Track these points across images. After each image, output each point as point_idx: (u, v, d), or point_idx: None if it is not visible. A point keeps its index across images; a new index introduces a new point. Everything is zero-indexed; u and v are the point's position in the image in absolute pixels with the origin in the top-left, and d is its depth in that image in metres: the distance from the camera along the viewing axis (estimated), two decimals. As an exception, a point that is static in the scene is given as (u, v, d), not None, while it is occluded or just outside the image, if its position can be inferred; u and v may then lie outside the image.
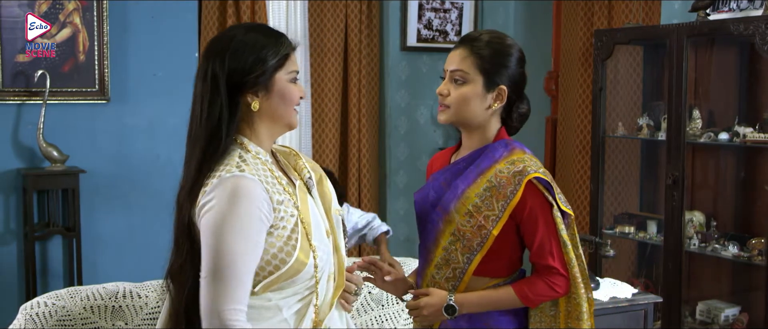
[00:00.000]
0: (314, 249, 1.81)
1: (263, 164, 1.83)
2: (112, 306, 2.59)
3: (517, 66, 2.11)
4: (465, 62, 2.07)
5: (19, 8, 4.13)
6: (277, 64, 1.84)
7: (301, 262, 1.78)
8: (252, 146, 1.85)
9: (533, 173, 2.03)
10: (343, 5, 5.03)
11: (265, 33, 1.88)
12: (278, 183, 1.82)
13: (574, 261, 2.07)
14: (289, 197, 1.82)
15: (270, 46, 1.85)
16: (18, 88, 4.18)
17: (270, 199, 1.77)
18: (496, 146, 2.11)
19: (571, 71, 4.89)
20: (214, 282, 1.71)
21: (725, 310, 4.00)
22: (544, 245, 2.05)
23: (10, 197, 4.23)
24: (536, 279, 2.07)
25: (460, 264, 2.08)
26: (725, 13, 3.82)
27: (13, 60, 4.15)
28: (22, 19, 4.09)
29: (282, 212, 1.78)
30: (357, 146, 5.13)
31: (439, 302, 2.08)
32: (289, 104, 1.87)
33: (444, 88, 2.10)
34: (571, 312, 2.10)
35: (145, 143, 4.49)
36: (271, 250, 1.77)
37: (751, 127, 3.85)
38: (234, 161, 1.79)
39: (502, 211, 2.03)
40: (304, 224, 1.82)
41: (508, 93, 2.09)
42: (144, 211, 4.49)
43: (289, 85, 1.87)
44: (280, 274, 1.77)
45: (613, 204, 4.58)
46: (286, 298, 1.81)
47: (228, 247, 1.71)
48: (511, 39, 2.13)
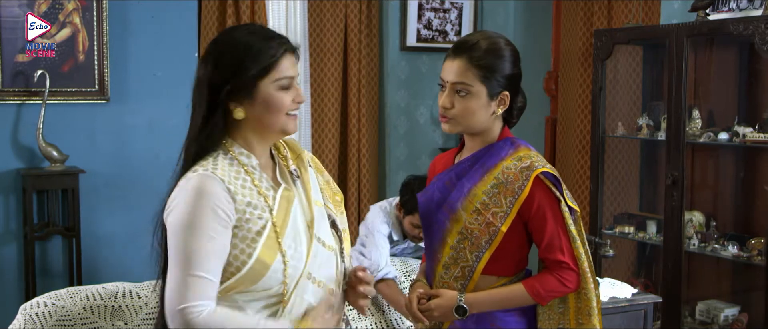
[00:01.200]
0: (284, 252, 1.76)
1: (242, 166, 1.80)
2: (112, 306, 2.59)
3: (514, 67, 2.11)
4: (466, 75, 2.05)
5: (18, 8, 4.13)
6: (259, 72, 1.78)
7: (263, 264, 1.74)
8: (236, 148, 1.82)
9: (541, 168, 2.04)
10: (343, 5, 5.03)
11: (255, 37, 1.82)
12: (253, 184, 1.79)
13: (583, 256, 2.07)
14: (264, 201, 1.78)
15: (253, 53, 1.78)
16: (18, 88, 4.18)
17: (232, 199, 1.74)
18: (501, 144, 2.12)
19: (570, 71, 4.89)
20: (174, 279, 1.70)
21: (725, 310, 4.00)
22: (554, 240, 2.05)
23: (9, 197, 4.23)
24: (547, 275, 2.07)
25: (469, 262, 2.08)
26: (725, 13, 3.82)
27: (12, 60, 4.15)
28: (21, 19, 4.09)
29: (248, 214, 1.75)
30: (357, 146, 5.13)
31: (449, 303, 2.08)
32: (276, 112, 1.81)
33: (447, 101, 2.07)
34: (582, 308, 2.10)
35: (144, 143, 4.49)
36: (233, 251, 1.74)
37: (751, 127, 3.85)
38: (207, 162, 1.78)
39: (511, 207, 2.04)
40: (276, 227, 1.77)
41: (510, 97, 2.10)
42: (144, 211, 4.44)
43: (276, 93, 1.80)
44: (240, 277, 1.74)
45: (613, 204, 4.58)
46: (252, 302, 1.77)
47: (186, 244, 1.70)
48: (503, 39, 2.13)
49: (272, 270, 1.75)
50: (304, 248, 1.81)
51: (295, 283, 1.78)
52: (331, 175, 5.02)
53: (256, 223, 1.76)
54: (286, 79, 1.82)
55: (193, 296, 1.68)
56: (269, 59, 1.79)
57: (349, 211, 5.09)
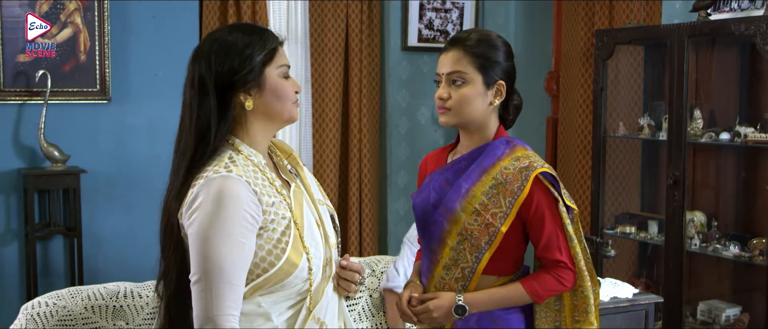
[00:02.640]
0: (307, 250, 1.78)
1: (255, 167, 1.80)
2: (113, 306, 2.59)
3: (508, 59, 2.13)
4: (461, 63, 2.07)
5: (19, 8, 4.13)
6: (265, 59, 1.81)
7: (291, 264, 1.75)
8: (244, 148, 1.82)
9: (540, 168, 2.05)
10: (344, 5, 5.03)
11: (247, 31, 1.85)
12: (271, 185, 1.79)
13: (580, 255, 2.09)
14: (283, 199, 1.79)
15: (255, 42, 1.82)
16: (19, 88, 4.18)
17: (259, 200, 1.73)
18: (497, 143, 2.12)
19: (571, 71, 4.88)
20: (205, 287, 1.67)
21: (726, 310, 4.00)
22: (552, 239, 2.06)
23: (10, 197, 4.24)
24: (544, 274, 2.09)
25: (469, 263, 2.08)
26: (726, 13, 3.81)
27: (14, 60, 4.16)
28: (22, 19, 4.09)
29: (272, 214, 1.75)
30: (358, 146, 5.13)
31: (448, 303, 2.08)
32: (284, 99, 1.84)
33: (443, 91, 2.09)
34: (578, 305, 2.12)
35: (145, 143, 4.49)
36: (260, 253, 1.74)
37: (752, 127, 3.84)
38: (223, 162, 1.76)
39: (510, 207, 2.04)
40: (297, 226, 1.79)
41: (506, 87, 2.11)
42: (145, 211, 4.49)
43: (281, 80, 1.84)
44: (268, 276, 1.74)
45: (614, 204, 4.58)
46: (277, 304, 1.78)
47: (216, 251, 1.67)
48: (495, 34, 2.16)
49: (299, 269, 1.77)
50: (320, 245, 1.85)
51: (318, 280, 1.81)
52: (332, 175, 5.05)
53: (281, 223, 1.76)
54: (286, 66, 1.86)
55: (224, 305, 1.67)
56: (271, 45, 1.83)
57: (350, 211, 5.09)
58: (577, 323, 2.13)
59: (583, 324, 2.12)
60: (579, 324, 2.12)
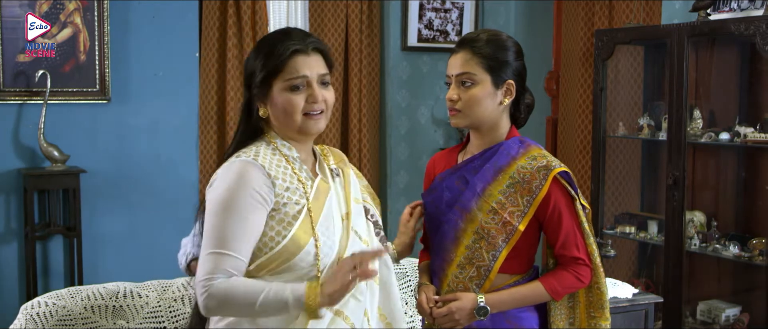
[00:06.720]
0: (317, 236, 1.82)
1: (283, 156, 1.87)
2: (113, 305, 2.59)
3: (518, 59, 2.13)
4: (469, 64, 2.08)
5: (20, 8, 4.14)
6: (270, 72, 1.84)
7: (296, 244, 1.79)
8: (278, 141, 1.89)
9: (558, 168, 2.07)
10: (344, 5, 5.03)
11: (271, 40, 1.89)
12: (293, 174, 1.85)
13: (596, 252, 2.13)
14: (302, 188, 1.85)
15: (266, 53, 1.85)
16: (19, 88, 4.18)
17: (272, 183, 1.80)
18: (510, 143, 2.13)
19: (571, 71, 4.88)
20: (206, 256, 1.77)
21: (726, 310, 4.00)
22: (570, 237, 2.09)
23: (10, 197, 4.24)
24: (563, 271, 2.11)
25: (486, 262, 2.08)
26: (726, 13, 3.81)
27: (13, 60, 4.16)
28: (22, 19, 4.09)
29: (285, 198, 1.81)
30: (358, 146, 5.13)
31: (470, 305, 2.07)
32: (289, 113, 1.85)
33: (453, 93, 2.10)
34: (594, 301, 2.15)
35: (145, 143, 4.49)
36: (270, 233, 1.80)
37: (752, 127, 3.84)
38: (252, 150, 1.85)
39: (528, 206, 2.06)
40: (311, 213, 1.83)
41: (515, 86, 2.11)
42: (145, 211, 4.49)
43: (285, 94, 1.84)
44: (273, 254, 1.79)
45: (614, 204, 4.58)
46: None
47: (220, 223, 1.77)
48: (505, 34, 2.16)
49: (305, 251, 1.80)
50: (338, 237, 1.88)
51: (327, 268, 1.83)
52: (332, 175, 5.04)
53: (293, 208, 1.82)
54: (298, 78, 1.85)
55: (216, 269, 1.75)
56: (277, 59, 1.84)
57: (350, 211, 5.09)
58: (593, 319, 2.15)
59: (600, 320, 2.14)
60: (595, 320, 2.15)
